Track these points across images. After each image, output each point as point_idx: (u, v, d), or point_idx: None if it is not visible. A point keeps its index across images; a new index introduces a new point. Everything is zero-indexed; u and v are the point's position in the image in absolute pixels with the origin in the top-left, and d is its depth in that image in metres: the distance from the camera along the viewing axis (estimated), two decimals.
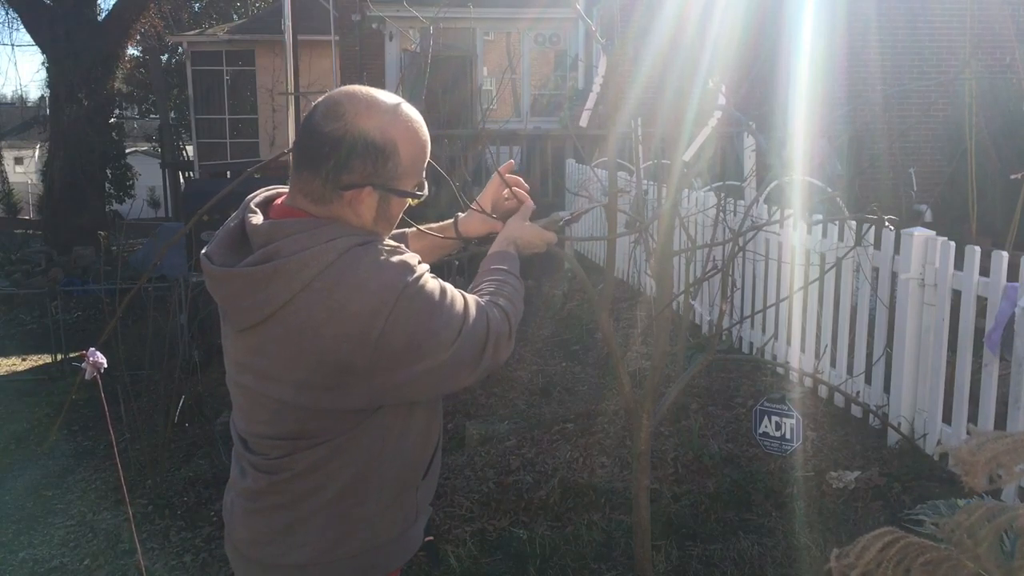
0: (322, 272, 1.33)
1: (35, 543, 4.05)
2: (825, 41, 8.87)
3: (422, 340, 1.37)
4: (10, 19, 23.93)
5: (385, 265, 1.37)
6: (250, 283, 1.36)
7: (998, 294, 3.36)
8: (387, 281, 1.34)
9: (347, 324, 1.32)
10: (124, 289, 5.91)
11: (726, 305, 2.39)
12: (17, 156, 30.78)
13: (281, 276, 1.34)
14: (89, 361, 2.58)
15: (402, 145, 1.42)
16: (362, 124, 1.39)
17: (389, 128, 1.41)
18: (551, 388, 4.95)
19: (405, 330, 1.35)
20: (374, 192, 1.42)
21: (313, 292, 1.33)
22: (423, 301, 1.37)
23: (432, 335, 1.37)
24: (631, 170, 6.84)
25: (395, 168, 1.42)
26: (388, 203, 1.45)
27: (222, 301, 1.43)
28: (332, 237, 1.37)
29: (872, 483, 3.46)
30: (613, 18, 10.11)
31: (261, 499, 1.49)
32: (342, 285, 1.33)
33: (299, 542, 1.46)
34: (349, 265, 1.34)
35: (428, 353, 1.38)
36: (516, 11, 12.67)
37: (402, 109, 1.44)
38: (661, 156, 3.58)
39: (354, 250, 1.36)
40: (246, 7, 24.00)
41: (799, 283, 4.51)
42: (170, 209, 20.10)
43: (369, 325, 1.32)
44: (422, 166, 1.48)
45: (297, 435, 1.42)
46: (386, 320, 1.33)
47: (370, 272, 1.35)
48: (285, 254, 1.35)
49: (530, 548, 3.25)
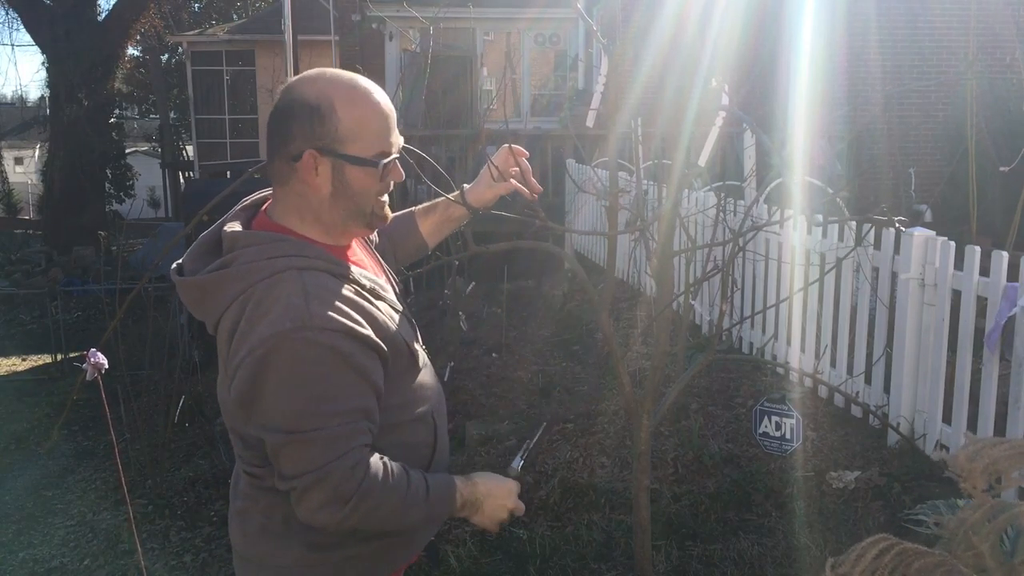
0: (250, 287, 1.34)
1: (35, 543, 4.05)
2: (825, 41, 8.87)
3: (256, 398, 1.31)
4: (10, 19, 23.95)
5: (289, 302, 1.30)
6: (200, 290, 1.40)
7: (998, 294, 3.36)
8: (277, 316, 1.30)
9: (236, 342, 1.32)
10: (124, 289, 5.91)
11: (726, 305, 2.39)
12: (17, 156, 30.78)
13: (223, 285, 1.36)
14: (90, 362, 2.58)
15: (340, 104, 1.39)
16: (301, 90, 1.41)
17: (326, 88, 1.41)
18: (551, 388, 4.95)
19: (257, 375, 1.29)
20: (324, 159, 1.39)
21: (238, 305, 1.34)
22: (294, 360, 1.28)
23: (270, 401, 1.30)
24: (631, 170, 6.84)
25: (335, 129, 1.38)
26: (343, 173, 1.41)
27: (188, 307, 1.45)
28: (277, 255, 1.36)
29: (872, 483, 3.46)
30: (614, 18, 10.11)
31: (247, 500, 1.50)
32: (256, 305, 1.32)
33: (283, 544, 1.47)
34: (270, 288, 1.33)
35: (255, 416, 1.33)
36: (516, 11, 12.67)
37: (346, 74, 1.44)
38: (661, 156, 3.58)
39: (287, 273, 1.34)
40: (246, 7, 24.00)
41: (799, 283, 4.51)
42: (170, 209, 20.10)
43: (241, 349, 1.31)
44: (376, 133, 1.42)
45: (254, 444, 1.42)
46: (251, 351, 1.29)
47: (275, 300, 1.31)
48: (237, 263, 1.36)
49: (530, 548, 3.25)
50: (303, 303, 1.30)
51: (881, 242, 3.97)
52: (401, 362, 1.45)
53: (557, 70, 14.02)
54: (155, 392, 5.34)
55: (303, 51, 12.80)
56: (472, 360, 5.62)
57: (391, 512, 1.36)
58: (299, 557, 1.46)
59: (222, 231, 1.44)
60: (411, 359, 1.48)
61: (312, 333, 1.29)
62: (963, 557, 0.93)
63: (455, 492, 1.45)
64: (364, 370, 1.34)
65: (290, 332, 1.28)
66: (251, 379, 1.30)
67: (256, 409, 1.32)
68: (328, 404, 1.30)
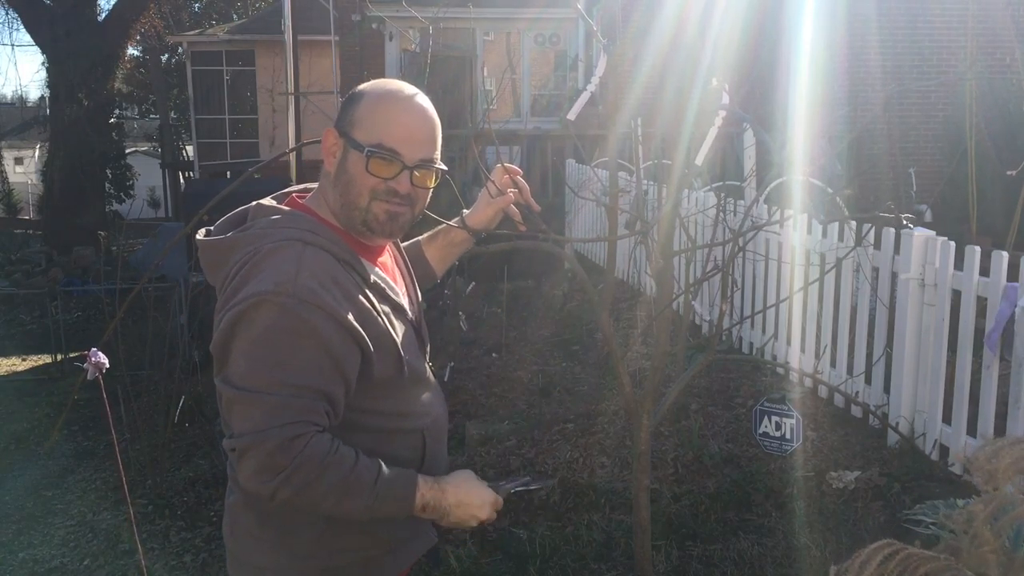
0: (255, 253, 1.37)
1: (35, 543, 4.05)
2: (825, 41, 8.86)
3: (225, 353, 1.35)
4: (10, 19, 23.92)
5: (281, 268, 1.34)
6: (216, 251, 1.44)
7: (998, 294, 3.36)
8: (263, 279, 1.33)
9: (231, 296, 1.36)
10: (124, 289, 5.92)
11: (726, 305, 2.39)
12: (17, 156, 30.77)
13: (235, 247, 1.41)
14: (91, 361, 2.58)
15: (367, 95, 1.47)
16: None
17: (373, 84, 1.50)
18: (551, 388, 4.95)
19: (232, 328, 1.33)
20: (340, 140, 1.46)
21: (241, 267, 1.37)
22: (266, 322, 1.31)
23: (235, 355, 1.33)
24: (631, 170, 6.84)
25: (353, 114, 1.46)
26: (347, 157, 1.45)
27: (203, 269, 1.48)
28: (286, 226, 1.41)
29: (872, 483, 3.46)
30: (614, 18, 10.11)
31: (232, 496, 1.52)
32: (253, 266, 1.36)
33: (255, 545, 1.48)
34: (268, 255, 1.37)
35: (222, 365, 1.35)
36: (516, 11, 12.66)
37: (401, 82, 1.51)
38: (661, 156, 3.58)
39: (288, 243, 1.38)
40: (246, 7, 23.99)
41: (799, 283, 4.51)
42: (170, 209, 20.09)
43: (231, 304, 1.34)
44: (382, 125, 1.44)
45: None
46: (237, 306, 1.33)
47: (269, 269, 1.35)
48: (250, 230, 1.42)
49: (530, 548, 3.25)
50: (294, 272, 1.33)
51: (881, 242, 3.97)
52: (387, 366, 1.44)
53: (557, 70, 14.01)
54: (155, 392, 5.34)
55: (303, 51, 12.80)
56: (472, 360, 5.62)
57: (326, 492, 1.31)
58: (271, 561, 1.46)
59: (255, 203, 1.50)
60: (398, 367, 1.46)
61: (291, 301, 1.31)
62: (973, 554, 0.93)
63: (414, 491, 1.39)
64: (335, 354, 1.34)
65: (271, 295, 1.31)
66: (225, 333, 1.34)
67: (221, 359, 1.35)
68: (284, 372, 1.30)
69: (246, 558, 1.49)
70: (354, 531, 1.46)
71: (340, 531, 1.45)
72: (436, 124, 1.49)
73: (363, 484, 1.33)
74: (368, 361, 1.39)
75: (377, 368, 1.41)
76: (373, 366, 1.40)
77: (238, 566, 1.53)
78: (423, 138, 1.46)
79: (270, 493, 1.31)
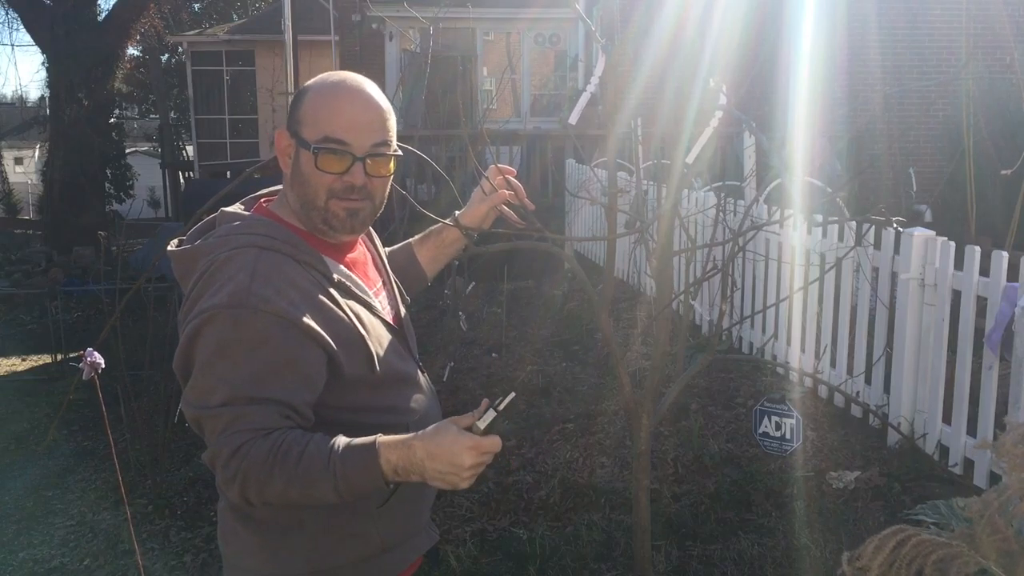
0: (211, 263, 1.37)
1: (35, 543, 4.04)
2: (825, 41, 8.87)
3: (186, 369, 1.35)
4: (10, 19, 23.96)
5: (237, 278, 1.33)
6: (180, 261, 1.45)
7: (998, 294, 3.36)
8: (220, 289, 1.33)
9: (188, 314, 1.36)
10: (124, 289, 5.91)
11: (726, 305, 2.39)
12: (17, 156, 30.79)
13: (195, 257, 1.41)
14: (87, 361, 2.58)
15: (313, 91, 1.45)
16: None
17: (316, 79, 1.48)
18: (551, 388, 4.95)
19: (189, 344, 1.33)
20: (291, 140, 1.45)
21: (200, 275, 1.37)
22: (220, 336, 1.30)
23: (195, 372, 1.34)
24: (631, 170, 6.84)
25: (299, 111, 1.44)
26: (299, 157, 1.44)
27: (178, 279, 1.48)
28: (243, 231, 1.40)
29: (872, 483, 3.46)
30: (613, 18, 10.10)
31: (223, 501, 1.51)
32: (208, 278, 1.35)
33: (248, 549, 1.47)
34: (223, 264, 1.36)
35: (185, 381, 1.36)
36: (516, 11, 12.66)
37: (345, 73, 1.48)
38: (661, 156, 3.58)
39: (245, 250, 1.37)
40: (246, 7, 23.99)
41: (799, 283, 4.51)
42: (170, 209, 20.09)
43: (188, 319, 1.35)
44: (326, 120, 1.41)
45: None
46: (193, 319, 1.33)
47: (222, 278, 1.34)
48: (211, 238, 1.43)
49: (530, 548, 3.25)
50: (247, 281, 1.32)
51: (881, 242, 3.97)
52: (357, 364, 1.41)
53: (557, 70, 14.01)
54: (155, 392, 5.33)
55: (303, 51, 12.82)
56: (472, 360, 5.62)
57: (286, 488, 1.27)
58: (262, 565, 1.46)
59: (220, 211, 1.50)
60: (369, 364, 1.43)
61: (244, 312, 1.29)
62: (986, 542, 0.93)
63: (375, 458, 1.27)
64: (293, 358, 1.32)
65: (224, 308, 1.30)
66: (183, 348, 1.34)
67: (183, 376, 1.36)
68: (236, 385, 1.29)
69: (237, 562, 1.49)
70: (346, 532, 1.44)
71: (333, 533, 1.44)
72: (384, 109, 1.44)
73: (316, 468, 1.26)
74: (334, 360, 1.37)
75: (346, 366, 1.39)
76: (341, 365, 1.38)
77: (230, 570, 1.52)
78: (370, 125, 1.42)
79: (240, 500, 1.31)
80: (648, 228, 2.41)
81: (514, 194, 1.80)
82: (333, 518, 1.42)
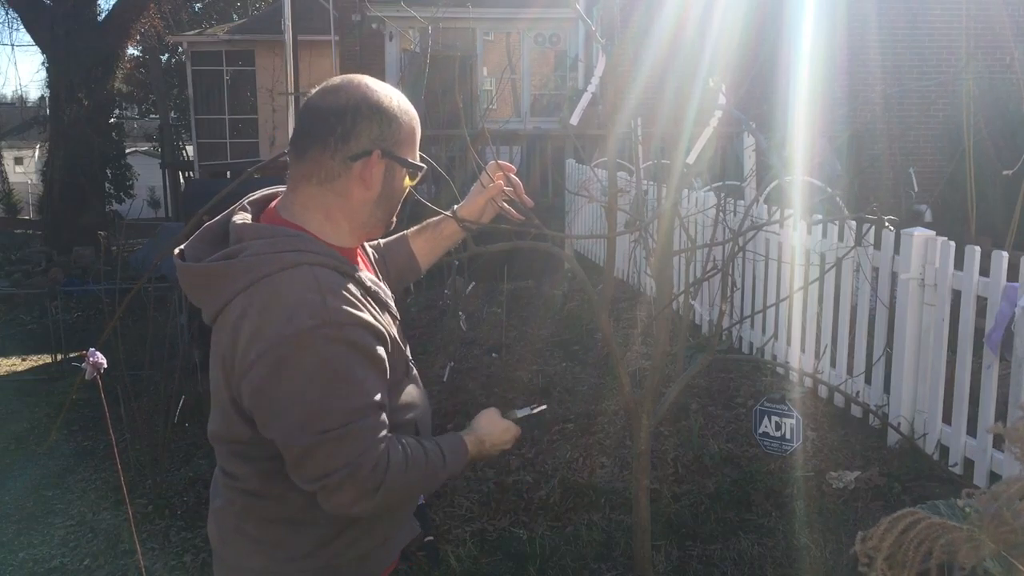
0: (261, 280, 1.32)
1: (35, 543, 4.05)
2: (825, 41, 8.87)
3: (276, 399, 1.30)
4: (10, 19, 23.95)
5: (307, 298, 1.30)
6: (204, 278, 1.39)
7: (998, 294, 3.36)
8: (295, 313, 1.29)
9: (242, 337, 1.31)
10: (124, 289, 5.91)
11: (726, 305, 2.39)
12: (17, 156, 30.79)
13: (230, 275, 1.35)
14: (89, 361, 2.58)
15: (400, 112, 1.44)
16: (362, 92, 1.42)
17: (390, 93, 1.45)
18: (551, 388, 4.95)
19: (278, 372, 1.28)
20: (382, 160, 1.41)
21: (247, 296, 1.33)
22: (317, 359, 1.28)
23: (294, 401, 1.29)
24: (631, 170, 6.84)
25: (398, 132, 1.43)
26: (393, 175, 1.44)
27: (187, 293, 1.45)
28: (287, 249, 1.35)
29: (872, 483, 3.46)
30: (613, 18, 10.10)
31: (223, 500, 1.50)
32: (267, 298, 1.31)
33: (252, 549, 1.46)
34: (285, 282, 1.31)
35: (275, 418, 1.31)
36: (516, 11, 12.66)
37: (387, 86, 1.47)
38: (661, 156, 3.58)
39: (300, 268, 1.33)
40: (246, 7, 23.99)
41: (799, 283, 4.51)
42: (170, 209, 20.09)
43: (251, 347, 1.29)
44: (416, 142, 1.48)
45: (237, 439, 1.41)
46: (267, 350, 1.28)
47: (290, 296, 1.30)
48: (244, 255, 1.35)
49: (530, 548, 3.25)
50: (320, 299, 1.30)
51: (881, 242, 3.97)
52: (398, 367, 1.46)
53: (557, 70, 14.02)
54: (155, 392, 5.33)
55: (303, 51, 12.82)
56: (472, 360, 5.62)
57: (417, 489, 1.47)
58: (268, 564, 1.45)
59: (231, 222, 1.43)
60: (406, 367, 1.51)
61: (332, 329, 1.29)
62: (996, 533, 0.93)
63: (466, 449, 1.54)
64: (380, 362, 1.36)
65: (312, 330, 1.27)
66: (271, 378, 1.29)
67: (276, 410, 1.30)
68: (349, 401, 1.30)
69: (238, 562, 1.48)
70: (356, 529, 1.46)
71: (344, 530, 1.45)
72: None
73: (437, 467, 1.45)
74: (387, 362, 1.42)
75: (390, 370, 1.42)
76: (389, 368, 1.42)
77: (227, 570, 1.51)
78: None
79: (371, 511, 1.37)
80: (648, 228, 2.41)
81: (513, 191, 1.81)
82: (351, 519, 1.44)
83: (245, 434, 1.38)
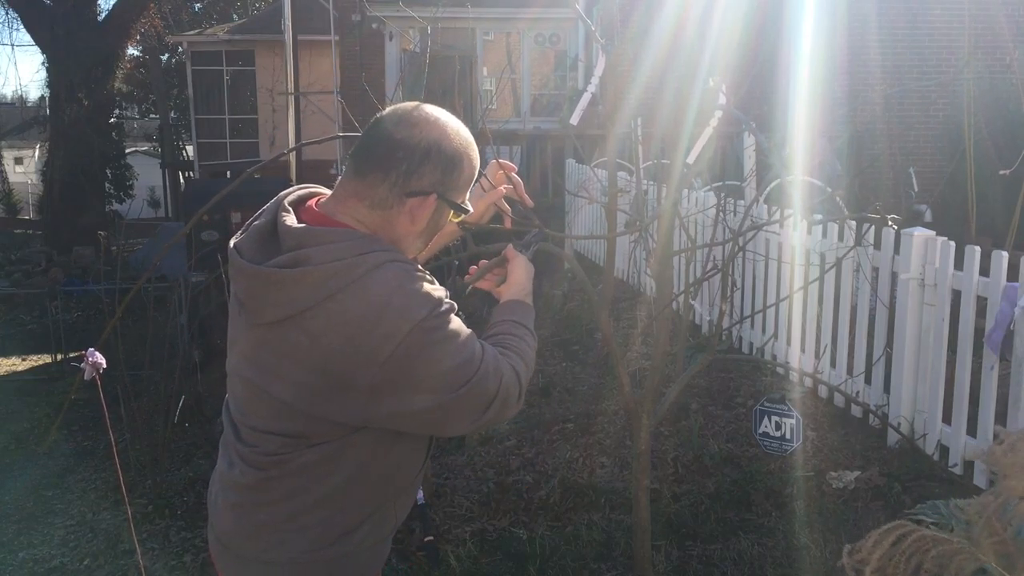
0: (349, 285, 1.34)
1: (35, 543, 4.05)
2: (825, 41, 8.87)
3: (427, 376, 1.37)
4: (10, 19, 23.92)
5: (411, 291, 1.37)
6: (276, 284, 1.37)
7: (998, 294, 3.36)
8: (408, 306, 1.35)
9: (359, 340, 1.33)
10: (124, 289, 5.91)
11: (726, 305, 2.39)
12: (17, 156, 30.77)
13: (308, 282, 1.35)
14: (88, 361, 2.57)
15: (467, 160, 1.48)
16: (436, 134, 1.45)
17: (463, 141, 1.48)
18: (551, 388, 4.95)
19: (413, 361, 1.35)
20: (436, 201, 1.46)
21: (335, 302, 1.34)
22: (440, 337, 1.37)
23: (439, 375, 1.37)
24: (631, 170, 6.84)
25: (458, 179, 1.48)
26: (441, 213, 1.49)
27: (243, 295, 1.43)
28: (365, 251, 1.38)
29: (872, 483, 3.46)
30: (613, 18, 10.11)
31: (247, 493, 1.49)
32: (364, 301, 1.34)
33: (278, 540, 1.47)
34: (376, 282, 1.35)
35: (429, 390, 1.37)
36: (516, 11, 12.66)
37: (465, 128, 1.51)
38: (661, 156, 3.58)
39: (386, 266, 1.37)
40: (246, 7, 23.99)
41: (799, 283, 4.51)
42: (170, 209, 20.10)
43: (379, 346, 1.33)
44: (472, 183, 1.54)
45: (289, 434, 1.43)
46: (397, 345, 1.33)
47: (394, 293, 1.35)
48: (316, 261, 1.35)
49: (530, 548, 3.25)
50: (419, 287, 1.38)
51: (881, 242, 3.97)
52: None
53: (557, 70, 14.02)
54: (155, 392, 5.33)
55: (303, 51, 12.81)
56: None
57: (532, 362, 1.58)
58: (296, 555, 1.47)
59: (279, 223, 1.43)
60: None
61: (441, 309, 1.39)
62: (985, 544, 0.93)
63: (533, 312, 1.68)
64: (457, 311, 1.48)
65: (427, 319, 1.35)
66: (403, 371, 1.35)
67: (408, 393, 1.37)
68: (472, 344, 1.42)
69: (260, 556, 1.49)
70: (372, 521, 1.51)
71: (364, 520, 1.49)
72: None
73: (529, 340, 1.59)
74: None
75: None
76: None
77: (244, 563, 1.51)
78: None
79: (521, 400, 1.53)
80: (648, 228, 2.41)
81: (513, 189, 1.81)
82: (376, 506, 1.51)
83: (296, 428, 1.41)
